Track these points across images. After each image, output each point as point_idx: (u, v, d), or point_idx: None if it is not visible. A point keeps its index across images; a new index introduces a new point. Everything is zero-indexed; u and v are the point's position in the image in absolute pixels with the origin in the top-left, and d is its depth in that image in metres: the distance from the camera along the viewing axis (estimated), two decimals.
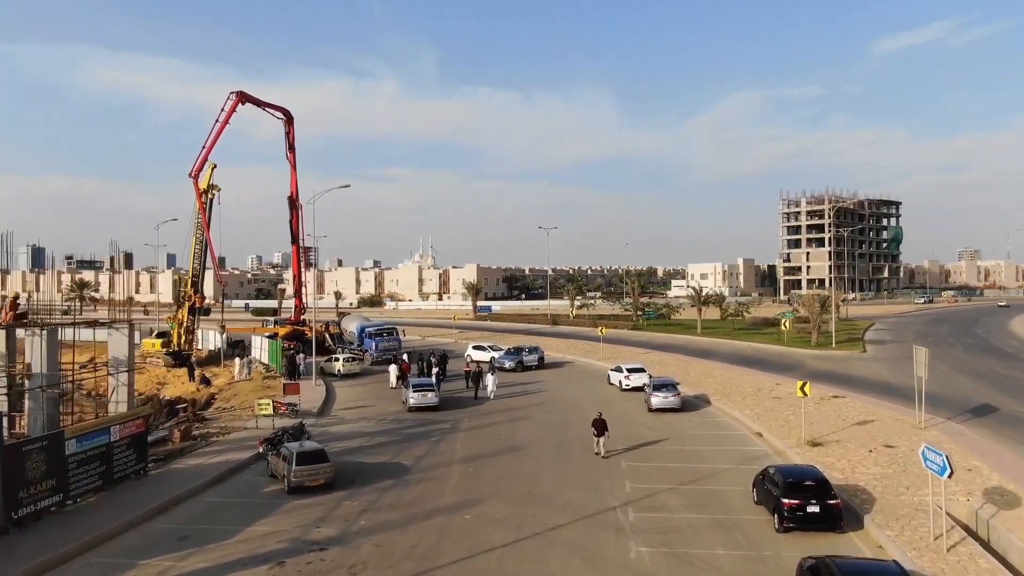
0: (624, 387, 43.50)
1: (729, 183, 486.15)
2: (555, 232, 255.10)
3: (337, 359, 52.25)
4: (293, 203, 67.95)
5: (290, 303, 79.29)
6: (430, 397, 38.33)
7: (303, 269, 69.23)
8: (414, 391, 38.45)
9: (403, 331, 63.73)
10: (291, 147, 67.82)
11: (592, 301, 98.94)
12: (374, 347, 57.88)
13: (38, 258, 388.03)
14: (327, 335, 64.92)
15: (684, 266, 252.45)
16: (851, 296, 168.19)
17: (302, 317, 69.71)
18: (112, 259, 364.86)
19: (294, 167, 68.20)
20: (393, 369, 46.27)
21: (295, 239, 68.24)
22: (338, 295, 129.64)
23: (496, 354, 57.04)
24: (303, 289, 70.57)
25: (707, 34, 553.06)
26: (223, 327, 60.07)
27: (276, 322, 72.05)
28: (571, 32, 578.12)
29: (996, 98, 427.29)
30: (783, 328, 67.35)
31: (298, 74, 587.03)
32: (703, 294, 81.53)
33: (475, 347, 59.61)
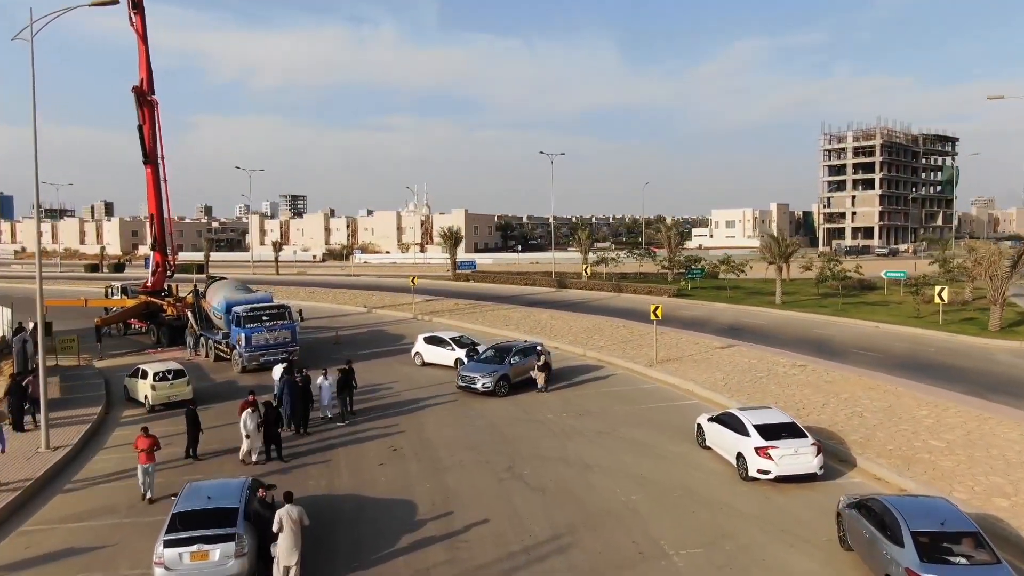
0: (756, 473, 17.78)
1: (737, 131, 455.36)
2: (555, 181, 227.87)
3: (145, 374, 26.47)
4: (142, 97, 41.50)
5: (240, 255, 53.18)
6: (216, 560, 12.68)
7: (165, 204, 42.94)
8: (168, 542, 12.78)
9: (300, 312, 37.74)
10: (137, 5, 41.32)
11: (613, 255, 72.75)
12: (244, 341, 32.07)
13: (6, 207, 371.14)
14: (188, 312, 39.07)
15: (697, 215, 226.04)
16: (903, 247, 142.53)
17: (165, 282, 43.83)
18: (92, 208, 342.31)
19: (143, 39, 41.67)
20: (247, 420, 20.27)
21: (148, 156, 41.97)
22: (277, 245, 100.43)
23: (461, 352, 31.47)
24: (168, 237, 44.45)
25: None
26: None
27: (124, 289, 46.06)
28: None
29: (1005, 45, 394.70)
30: (938, 300, 41.69)
31: (296, 20, 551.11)
32: (785, 244, 55.09)
33: (427, 339, 33.82)
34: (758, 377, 28.67)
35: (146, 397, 26.13)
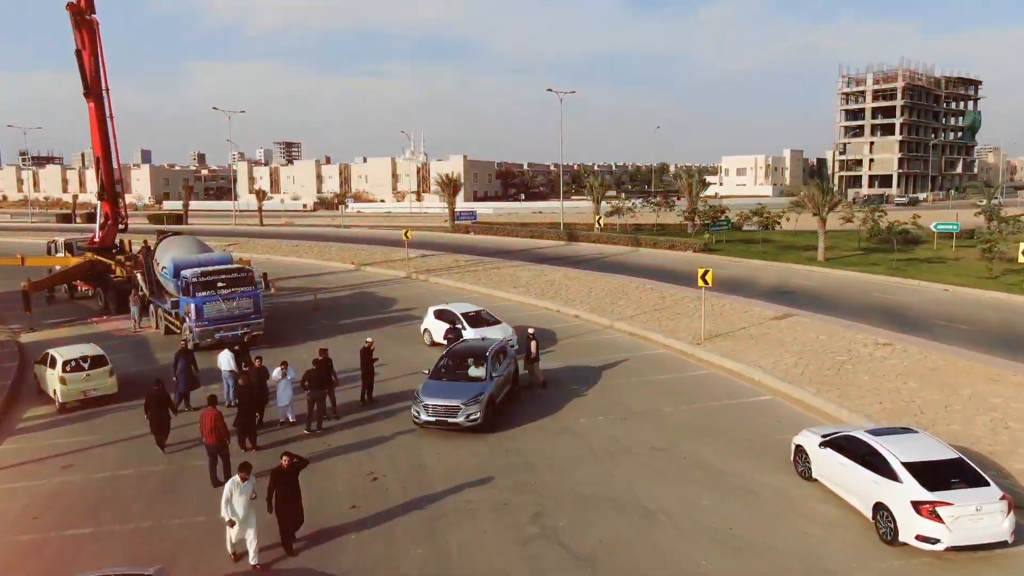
0: (914, 540, 11.84)
1: (742, 78, 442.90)
2: (555, 129, 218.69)
3: (54, 361, 20.43)
4: (79, 16, 34.77)
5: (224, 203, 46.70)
6: None
7: (112, 145, 36.41)
8: None
9: (264, 276, 31.37)
10: None
11: (628, 204, 65.94)
12: (194, 312, 25.97)
13: None
14: (138, 275, 32.84)
15: (704, 163, 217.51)
16: (923, 196, 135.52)
17: (116, 237, 37.59)
18: (83, 156, 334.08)
19: None
20: (235, 495, 12.38)
21: (90, 87, 35.38)
22: (261, 194, 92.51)
23: (473, 332, 24.80)
24: (119, 185, 38.06)
25: None
26: None
27: (68, 245, 39.78)
28: None
29: None
30: (1023, 258, 35.64)
31: None
32: (830, 194, 48.33)
33: (438, 313, 27.29)
34: (839, 362, 22.70)
35: (55, 392, 20.15)
